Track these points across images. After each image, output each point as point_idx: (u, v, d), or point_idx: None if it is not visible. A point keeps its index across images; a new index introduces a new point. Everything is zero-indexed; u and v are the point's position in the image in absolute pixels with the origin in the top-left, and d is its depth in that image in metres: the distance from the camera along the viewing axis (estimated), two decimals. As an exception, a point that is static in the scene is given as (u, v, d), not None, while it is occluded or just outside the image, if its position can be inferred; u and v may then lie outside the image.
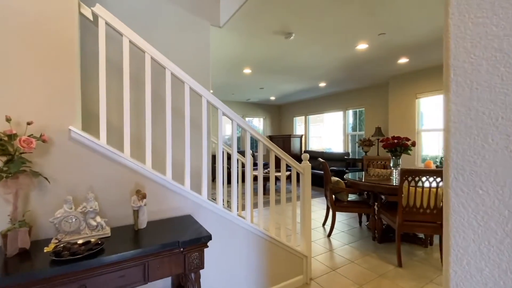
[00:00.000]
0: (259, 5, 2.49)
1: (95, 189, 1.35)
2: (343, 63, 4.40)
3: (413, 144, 3.24)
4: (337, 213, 3.73)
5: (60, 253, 1.01)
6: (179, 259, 1.22)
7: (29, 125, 1.16)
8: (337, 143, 7.44)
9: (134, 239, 1.22)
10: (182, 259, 1.23)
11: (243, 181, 6.33)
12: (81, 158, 1.31)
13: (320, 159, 3.63)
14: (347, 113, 6.99)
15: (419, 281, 2.19)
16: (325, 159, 6.84)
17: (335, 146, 7.54)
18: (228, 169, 3.67)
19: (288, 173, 5.53)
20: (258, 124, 9.19)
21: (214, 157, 6.40)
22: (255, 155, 7.90)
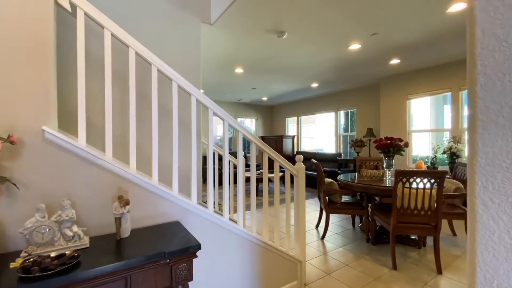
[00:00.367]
0: (251, 2, 2.41)
1: (72, 195, 1.23)
2: (336, 64, 4.37)
3: (406, 144, 3.23)
4: (330, 214, 3.69)
5: (28, 269, 0.90)
6: (165, 270, 1.12)
7: (-5, 125, 1.04)
8: (329, 143, 7.44)
9: (115, 250, 1.11)
10: (168, 271, 1.13)
11: (235, 182, 6.23)
12: (57, 161, 1.19)
13: (313, 160, 3.58)
14: (338, 113, 7.00)
15: (414, 284, 2.16)
16: (317, 160, 6.82)
17: (327, 146, 7.55)
18: (219, 170, 3.57)
19: (280, 174, 5.46)
20: (250, 124, 9.11)
21: (205, 158, 6.27)
22: (247, 156, 7.82)
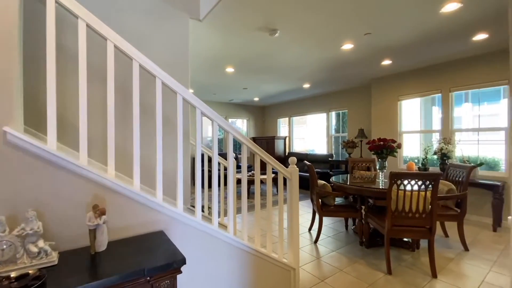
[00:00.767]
0: (242, -3, 2.31)
1: (40, 205, 1.09)
2: (328, 64, 4.32)
3: (399, 146, 3.20)
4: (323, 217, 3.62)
5: (-21, 295, 0.76)
6: (146, 289, 1.00)
7: None
8: (320, 144, 7.41)
9: (87, 268, 0.98)
10: (149, 289, 1.01)
11: (226, 184, 6.10)
12: (21, 166, 1.05)
13: (305, 161, 3.50)
14: (330, 114, 6.98)
15: (409, 289, 2.11)
16: (309, 161, 6.77)
17: (318, 147, 7.52)
18: (209, 172, 3.44)
19: (273, 175, 5.37)
20: (241, 125, 8.98)
21: (194, 160, 6.11)
22: (238, 157, 7.70)
